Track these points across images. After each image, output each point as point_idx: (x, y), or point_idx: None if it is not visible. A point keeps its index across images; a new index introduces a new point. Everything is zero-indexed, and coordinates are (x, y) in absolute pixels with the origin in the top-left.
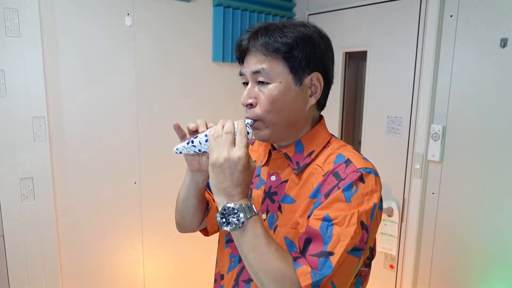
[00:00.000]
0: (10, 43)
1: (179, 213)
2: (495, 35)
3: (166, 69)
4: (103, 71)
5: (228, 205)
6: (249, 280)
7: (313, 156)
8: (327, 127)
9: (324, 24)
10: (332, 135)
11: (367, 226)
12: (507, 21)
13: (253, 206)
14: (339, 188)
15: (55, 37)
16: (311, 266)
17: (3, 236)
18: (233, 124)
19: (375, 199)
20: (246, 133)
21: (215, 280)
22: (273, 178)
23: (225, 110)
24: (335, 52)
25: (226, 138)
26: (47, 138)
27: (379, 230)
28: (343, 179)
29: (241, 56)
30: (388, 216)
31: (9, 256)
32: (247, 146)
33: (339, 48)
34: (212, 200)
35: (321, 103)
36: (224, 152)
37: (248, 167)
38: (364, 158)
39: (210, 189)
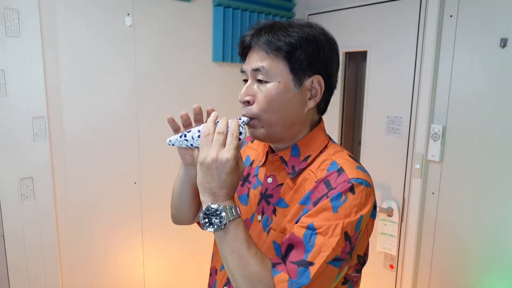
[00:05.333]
0: (10, 43)
1: (174, 206)
2: (495, 35)
3: (166, 69)
4: (103, 71)
5: (212, 205)
6: None
7: (309, 160)
8: (327, 127)
9: (324, 24)
10: (330, 138)
11: (351, 237)
12: (507, 21)
13: (237, 208)
14: (328, 197)
15: (55, 37)
16: (289, 274)
17: (3, 236)
18: (227, 123)
19: (363, 212)
20: (238, 134)
21: (210, 274)
22: (269, 180)
23: (225, 110)
24: None
25: (217, 138)
26: (47, 138)
27: (379, 230)
28: (333, 188)
29: (243, 52)
30: (388, 216)
31: (9, 256)
32: (237, 148)
33: (339, 48)
34: None
35: (321, 107)
36: (213, 152)
37: (236, 169)
38: (358, 167)
39: None
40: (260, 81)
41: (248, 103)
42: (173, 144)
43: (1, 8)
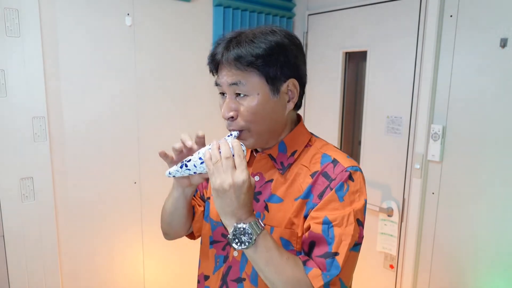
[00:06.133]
0: (10, 43)
1: (167, 224)
2: (495, 35)
3: (166, 69)
4: (103, 71)
5: (239, 226)
6: (240, 280)
7: (296, 155)
8: (327, 127)
9: (324, 24)
10: (312, 133)
11: (362, 222)
12: (507, 21)
13: (260, 221)
14: (331, 189)
15: (55, 37)
16: (319, 267)
17: (3, 236)
18: (229, 145)
19: (364, 195)
20: (244, 154)
21: (198, 281)
22: (256, 178)
23: None
24: (335, 52)
25: (226, 164)
26: (47, 138)
27: (379, 230)
28: (333, 179)
29: (215, 68)
30: (388, 216)
31: (9, 256)
32: (247, 167)
33: (339, 48)
34: (197, 205)
35: (297, 104)
36: (228, 178)
37: (251, 187)
38: (348, 157)
39: (202, 198)
40: (239, 95)
41: (232, 118)
42: (174, 176)
43: (1, 8)
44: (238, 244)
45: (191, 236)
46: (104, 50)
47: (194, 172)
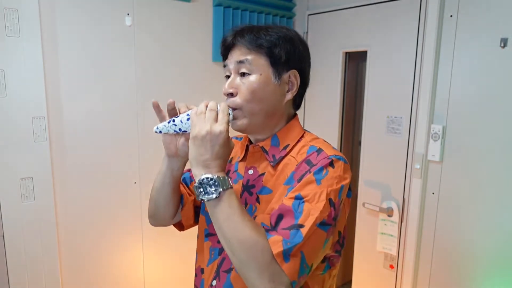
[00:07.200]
0: (10, 43)
1: (153, 202)
2: (495, 35)
3: (166, 69)
4: (103, 71)
5: (207, 175)
6: (229, 270)
7: (288, 149)
8: (327, 127)
9: (324, 24)
10: (306, 130)
11: (335, 203)
12: (507, 21)
13: (230, 179)
14: (310, 172)
15: (55, 37)
16: (283, 237)
17: (3, 236)
18: (216, 103)
19: (343, 182)
20: (228, 112)
21: (196, 275)
22: (250, 172)
23: None
24: (335, 52)
25: (209, 114)
26: (47, 138)
27: (379, 230)
28: (314, 165)
29: (225, 52)
30: (388, 216)
31: (9, 256)
32: (228, 123)
33: (339, 48)
34: (187, 194)
35: (296, 102)
36: (207, 125)
37: (228, 142)
38: (335, 148)
39: (185, 182)
40: (243, 75)
41: (231, 95)
42: (160, 131)
43: (1, 8)
44: (203, 193)
45: (179, 226)
46: (104, 50)
47: (179, 129)
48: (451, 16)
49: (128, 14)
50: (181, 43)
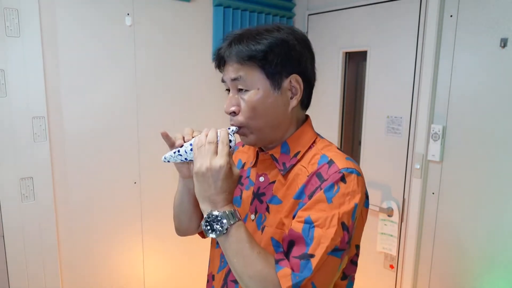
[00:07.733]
0: (10, 43)
1: (176, 218)
2: (495, 35)
3: (166, 69)
4: (103, 71)
5: (213, 212)
6: (237, 281)
7: (299, 156)
8: (327, 127)
9: (324, 24)
10: (318, 134)
11: (348, 227)
12: (507, 21)
13: (237, 212)
14: (321, 189)
15: (55, 37)
16: (292, 268)
17: (3, 236)
18: (217, 132)
19: (356, 200)
20: (228, 141)
21: (208, 281)
22: (261, 179)
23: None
24: (335, 52)
25: (208, 148)
26: (47, 138)
27: (379, 230)
28: (325, 180)
29: (219, 65)
30: (388, 216)
31: (9, 256)
32: (229, 155)
33: (339, 48)
34: None
35: (304, 103)
36: (207, 161)
37: (230, 174)
38: (348, 158)
39: None
40: (240, 90)
41: (234, 113)
42: (168, 161)
43: (1, 8)
44: (210, 231)
45: (202, 234)
46: (104, 50)
47: (185, 159)
48: (451, 16)
49: (128, 14)
50: (181, 43)
